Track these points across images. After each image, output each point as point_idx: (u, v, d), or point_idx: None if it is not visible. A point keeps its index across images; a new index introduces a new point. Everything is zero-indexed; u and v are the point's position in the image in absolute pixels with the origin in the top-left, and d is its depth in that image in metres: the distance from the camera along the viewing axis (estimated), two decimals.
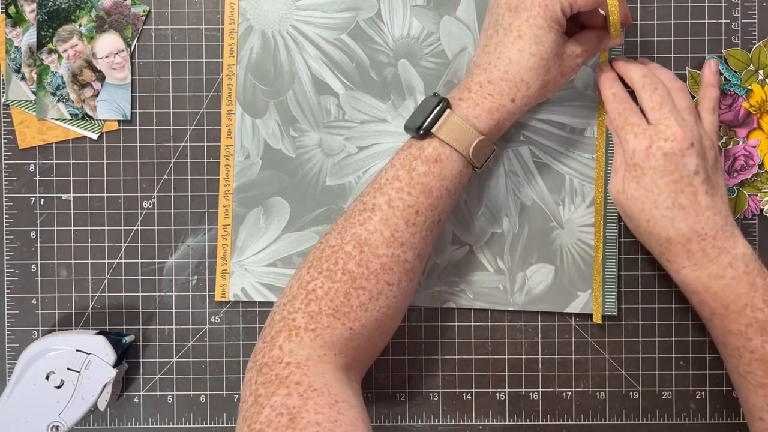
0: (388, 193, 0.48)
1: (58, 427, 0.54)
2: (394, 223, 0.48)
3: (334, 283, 0.47)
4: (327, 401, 0.43)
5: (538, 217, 0.59)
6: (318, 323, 0.46)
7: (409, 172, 0.49)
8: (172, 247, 0.59)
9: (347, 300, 0.47)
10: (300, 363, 0.45)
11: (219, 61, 0.59)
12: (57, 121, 0.59)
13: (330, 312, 0.47)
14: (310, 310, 0.47)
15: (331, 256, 0.48)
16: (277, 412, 0.42)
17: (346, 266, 0.47)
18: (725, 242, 0.50)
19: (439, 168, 0.49)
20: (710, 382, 0.59)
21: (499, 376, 0.60)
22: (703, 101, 0.55)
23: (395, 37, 0.59)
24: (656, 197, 0.50)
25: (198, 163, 0.59)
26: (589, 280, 0.58)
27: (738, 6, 0.59)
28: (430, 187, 0.49)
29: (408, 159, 0.49)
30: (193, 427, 0.60)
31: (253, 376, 0.46)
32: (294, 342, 0.46)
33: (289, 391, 0.43)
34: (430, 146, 0.49)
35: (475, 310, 0.60)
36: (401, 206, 0.48)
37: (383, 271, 0.48)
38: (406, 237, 0.48)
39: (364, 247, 0.47)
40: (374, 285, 0.47)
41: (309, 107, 0.59)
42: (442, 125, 0.49)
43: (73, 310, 0.60)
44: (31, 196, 0.59)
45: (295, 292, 0.48)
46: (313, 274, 0.48)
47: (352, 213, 0.49)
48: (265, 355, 0.46)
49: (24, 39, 0.59)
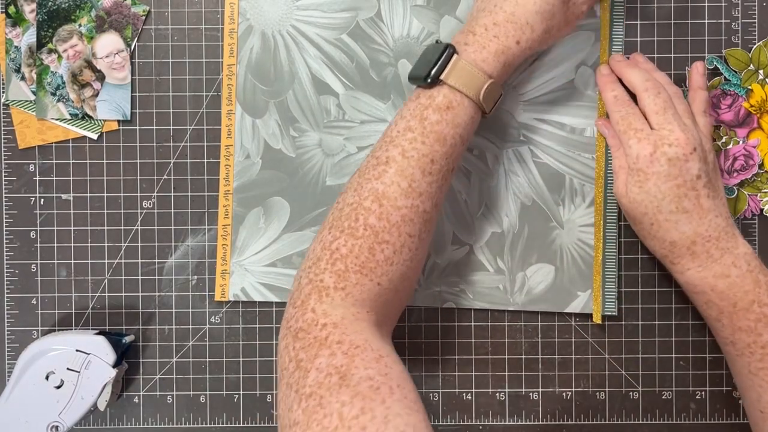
0: (402, 145, 0.48)
1: (57, 427, 0.54)
2: (410, 174, 0.47)
3: (357, 239, 0.47)
4: (373, 356, 0.42)
5: (538, 217, 0.59)
6: (347, 281, 0.46)
7: (422, 121, 0.48)
8: (172, 247, 0.59)
9: (372, 255, 0.47)
10: (336, 323, 0.44)
11: (219, 61, 0.59)
12: (57, 121, 0.59)
13: (357, 269, 0.46)
14: (336, 269, 0.46)
15: (351, 214, 0.47)
16: (325, 373, 0.41)
17: (367, 221, 0.47)
18: (728, 243, 0.51)
19: (451, 115, 0.48)
20: (710, 382, 0.59)
21: (499, 376, 0.60)
22: (694, 105, 0.55)
23: (395, 37, 0.59)
24: (660, 202, 0.50)
25: (198, 163, 0.59)
26: (589, 280, 0.58)
27: (738, 6, 0.59)
28: (444, 135, 0.48)
29: (418, 109, 0.49)
30: (193, 427, 0.60)
31: (289, 343, 0.45)
32: (326, 303, 0.46)
33: (333, 351, 0.43)
34: (440, 94, 0.48)
35: (475, 310, 0.59)
36: (416, 156, 0.48)
37: (404, 223, 0.47)
38: (423, 187, 0.48)
39: (382, 200, 0.47)
40: (397, 238, 0.47)
41: (309, 107, 0.59)
42: (450, 71, 0.48)
43: (73, 310, 0.60)
44: (31, 196, 0.59)
45: (318, 253, 0.47)
46: (335, 233, 0.47)
47: (366, 169, 0.49)
48: (298, 320, 0.46)
49: (24, 39, 0.59)
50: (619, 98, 0.54)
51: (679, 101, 0.54)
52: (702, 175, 0.50)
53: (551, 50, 0.58)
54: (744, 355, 0.51)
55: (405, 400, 0.40)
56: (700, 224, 0.50)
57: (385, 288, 0.47)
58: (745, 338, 0.50)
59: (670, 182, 0.50)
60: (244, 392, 0.60)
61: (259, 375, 0.59)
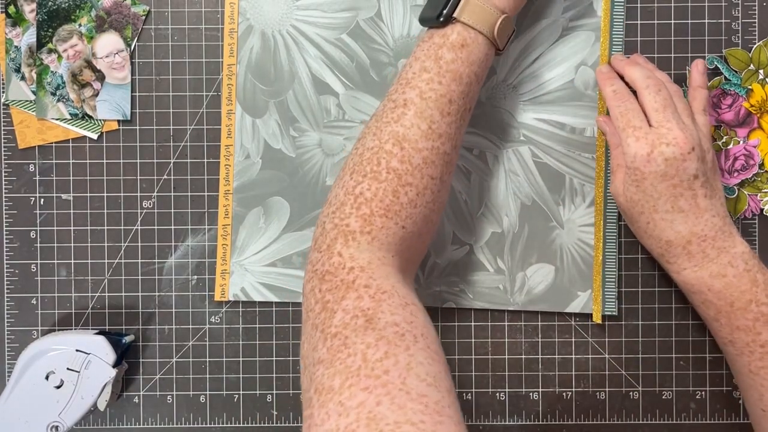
0: (419, 86, 0.48)
1: (57, 427, 0.54)
2: (430, 115, 0.47)
3: (380, 183, 0.46)
4: (399, 302, 0.42)
5: (538, 217, 0.59)
6: (372, 225, 0.46)
7: (437, 61, 0.48)
8: (172, 247, 0.59)
9: (396, 198, 0.46)
10: (363, 267, 0.44)
11: (219, 61, 0.59)
12: (57, 121, 0.59)
13: (382, 212, 0.46)
14: (362, 213, 0.46)
15: (372, 158, 0.47)
16: (352, 314, 0.42)
17: (390, 164, 0.47)
18: (724, 242, 0.51)
19: (466, 53, 0.48)
20: (710, 382, 0.59)
21: (499, 376, 0.60)
22: (694, 103, 0.55)
23: (395, 36, 0.59)
24: (656, 201, 0.50)
25: (198, 163, 0.59)
26: (589, 280, 0.58)
27: (738, 6, 0.59)
28: (460, 73, 0.48)
29: (433, 48, 0.48)
30: (193, 427, 0.60)
31: (315, 285, 0.45)
32: (352, 247, 0.45)
33: (360, 294, 0.43)
34: (454, 32, 0.48)
35: (475, 310, 0.59)
36: (434, 97, 0.47)
37: (426, 165, 0.47)
38: (443, 128, 0.48)
39: (404, 143, 0.47)
40: (419, 180, 0.47)
41: (309, 107, 0.59)
42: (463, 8, 0.48)
43: (73, 310, 0.60)
44: (31, 196, 0.59)
45: (342, 198, 0.47)
46: (357, 178, 0.47)
47: (383, 113, 0.48)
48: (324, 264, 0.45)
49: (24, 39, 0.59)
50: (618, 93, 0.53)
51: (678, 100, 0.53)
52: (699, 174, 0.50)
53: (551, 50, 0.58)
54: (743, 355, 0.51)
55: (428, 350, 0.40)
56: (696, 224, 0.50)
57: (409, 231, 0.47)
58: (744, 337, 0.50)
59: (667, 182, 0.50)
60: (244, 392, 0.59)
61: (259, 375, 0.59)
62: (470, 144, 0.58)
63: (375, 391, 0.37)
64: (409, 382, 0.38)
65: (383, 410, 0.37)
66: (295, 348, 0.59)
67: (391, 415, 0.36)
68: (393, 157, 0.47)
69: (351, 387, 0.38)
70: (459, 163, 0.58)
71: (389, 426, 0.36)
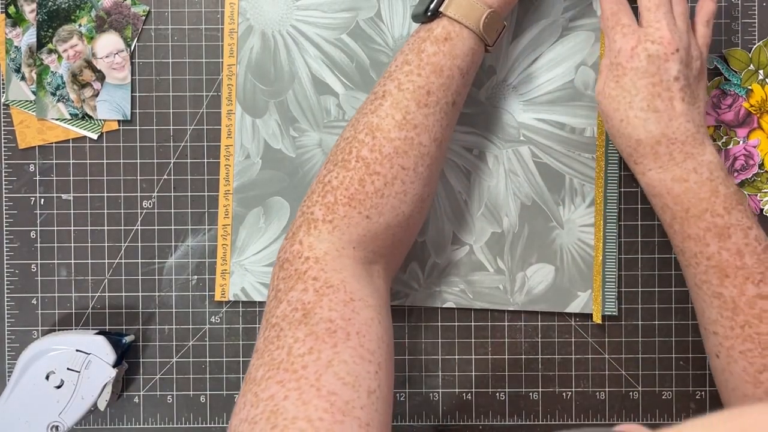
0: (398, 78, 0.48)
1: (57, 427, 0.54)
2: (405, 106, 0.48)
3: (348, 171, 0.47)
4: (342, 298, 0.43)
5: (538, 217, 0.59)
6: (335, 213, 0.47)
7: (419, 54, 0.49)
8: (172, 247, 0.59)
9: (362, 187, 0.47)
10: (318, 258, 0.45)
11: (219, 61, 0.59)
12: (57, 121, 0.59)
13: (345, 201, 0.47)
14: (326, 201, 0.47)
15: (345, 147, 0.48)
16: (293, 307, 0.43)
17: (360, 153, 0.47)
18: (693, 148, 0.50)
19: (449, 46, 0.49)
20: (710, 382, 0.59)
21: (499, 376, 0.60)
22: (700, 13, 0.54)
23: (395, 37, 0.59)
24: (632, 98, 0.50)
25: (198, 163, 0.59)
26: (589, 280, 0.58)
27: (738, 6, 0.59)
28: (441, 66, 0.48)
29: (416, 42, 0.49)
30: (193, 427, 0.60)
31: (275, 272, 0.47)
32: (313, 236, 0.46)
33: (306, 287, 0.44)
34: (439, 26, 0.49)
35: (475, 310, 0.60)
36: (411, 88, 0.48)
37: (397, 155, 0.47)
38: (419, 119, 0.48)
39: (376, 132, 0.47)
40: (388, 170, 0.47)
41: (309, 107, 0.59)
42: (449, 3, 0.48)
43: (73, 310, 0.60)
44: (31, 196, 0.59)
45: (313, 187, 0.49)
46: (329, 167, 0.48)
47: (364, 105, 0.49)
48: (286, 251, 0.47)
49: (24, 39, 0.59)
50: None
51: (679, 2, 0.52)
52: (681, 77, 0.49)
53: (551, 50, 0.58)
54: (691, 266, 0.50)
55: (359, 348, 0.41)
56: (669, 126, 0.49)
57: (374, 222, 0.47)
58: (693, 247, 0.50)
59: (646, 79, 0.49)
60: None
61: None
62: (470, 144, 0.59)
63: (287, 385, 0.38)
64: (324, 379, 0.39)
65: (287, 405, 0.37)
66: None
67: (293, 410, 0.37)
68: (364, 146, 0.47)
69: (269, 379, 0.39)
70: (459, 163, 0.58)
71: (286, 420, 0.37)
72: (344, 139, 0.49)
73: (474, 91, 0.58)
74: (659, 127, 0.49)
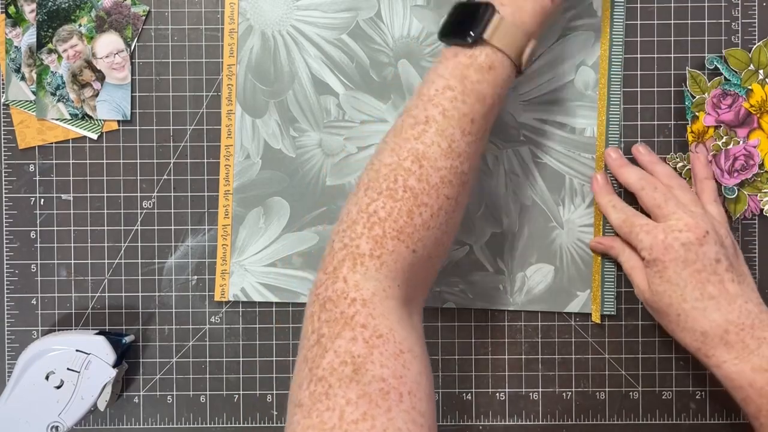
0: (442, 104, 0.46)
1: (57, 427, 0.54)
2: (451, 134, 0.46)
3: (396, 202, 0.44)
4: (392, 351, 0.41)
5: (538, 217, 0.59)
6: (383, 248, 0.44)
7: (462, 80, 0.47)
8: (172, 247, 0.59)
9: (410, 219, 0.44)
10: (366, 300, 0.42)
11: (219, 61, 0.59)
12: (57, 121, 0.59)
13: (394, 234, 0.44)
14: (374, 234, 0.44)
15: (389, 175, 0.45)
16: (341, 359, 0.40)
17: (407, 183, 0.45)
18: (764, 332, 0.48)
19: (493, 75, 0.47)
20: (710, 382, 0.59)
21: (499, 376, 0.60)
22: (703, 195, 0.55)
23: (395, 37, 0.59)
24: (683, 290, 0.49)
25: (198, 163, 0.59)
26: (588, 280, 0.58)
27: (738, 6, 0.59)
28: (485, 94, 0.47)
29: (459, 68, 0.47)
30: (193, 427, 0.60)
31: (315, 311, 0.43)
32: (359, 273, 0.43)
33: (355, 335, 0.41)
34: (483, 54, 0.47)
35: (475, 310, 0.59)
36: (456, 116, 0.46)
37: (443, 185, 0.46)
38: (462, 147, 0.46)
39: (422, 161, 0.45)
40: (435, 200, 0.45)
41: (309, 107, 0.59)
42: (494, 31, 0.46)
43: (73, 310, 0.60)
44: (31, 196, 0.59)
45: (354, 216, 0.45)
46: (372, 195, 0.45)
47: (403, 128, 0.47)
48: (328, 288, 0.43)
49: (24, 39, 0.59)
50: (617, 206, 0.55)
51: (684, 192, 0.53)
52: (722, 258, 0.49)
53: (551, 50, 0.58)
54: None
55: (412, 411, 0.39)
56: (730, 311, 0.48)
57: (419, 255, 0.45)
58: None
59: (689, 268, 0.49)
60: (244, 392, 0.60)
61: (259, 375, 0.59)
62: None
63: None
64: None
65: None
66: (295, 348, 0.59)
67: None
68: (411, 175, 0.45)
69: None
70: None
71: None
72: (386, 165, 0.46)
73: None
74: (721, 313, 0.49)
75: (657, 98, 0.59)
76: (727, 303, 0.49)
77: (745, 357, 0.48)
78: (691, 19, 0.59)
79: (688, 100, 0.58)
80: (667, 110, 0.59)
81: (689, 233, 0.49)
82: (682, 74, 0.59)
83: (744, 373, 0.48)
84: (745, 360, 0.48)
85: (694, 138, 0.58)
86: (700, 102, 0.58)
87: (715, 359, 0.49)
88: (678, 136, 0.59)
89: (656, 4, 0.59)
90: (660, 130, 0.59)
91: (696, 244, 0.49)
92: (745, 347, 0.48)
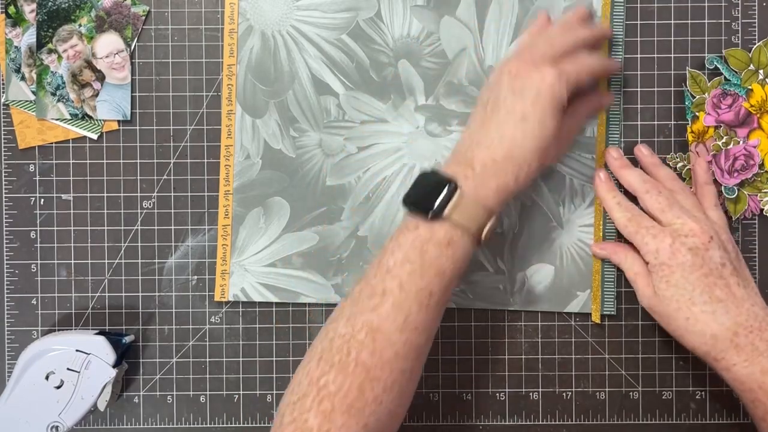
0: (399, 276, 0.46)
1: (57, 427, 0.54)
2: (407, 307, 0.45)
3: (347, 376, 0.44)
4: None
5: (539, 217, 0.59)
6: (332, 423, 0.43)
7: (421, 255, 0.46)
8: (172, 247, 0.59)
9: (362, 394, 0.44)
10: None
11: (219, 61, 0.59)
12: (57, 121, 0.59)
13: (344, 409, 0.44)
14: (323, 408, 0.44)
15: (343, 347, 0.45)
16: None
17: (359, 357, 0.44)
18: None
19: (452, 251, 0.46)
20: (710, 382, 0.59)
21: (499, 376, 0.60)
22: (704, 200, 0.55)
23: (395, 37, 0.59)
24: (691, 293, 0.50)
25: (198, 163, 0.59)
26: (588, 280, 0.58)
27: (738, 6, 0.59)
28: (444, 269, 0.46)
29: (418, 241, 0.46)
30: (193, 427, 0.60)
31: None
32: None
33: None
34: (442, 229, 0.46)
35: (475, 310, 0.59)
36: (414, 290, 0.46)
37: (397, 359, 0.45)
38: (419, 320, 0.46)
39: (376, 334, 0.45)
40: (388, 375, 0.45)
41: (309, 107, 0.59)
42: (454, 207, 0.46)
43: (73, 310, 0.60)
44: (31, 196, 0.59)
45: (305, 389, 0.45)
46: (324, 367, 0.45)
47: (360, 298, 0.46)
48: None
49: (24, 39, 0.59)
50: (621, 204, 0.54)
51: (686, 196, 0.54)
52: (726, 263, 0.50)
53: None
54: None
55: None
56: (739, 314, 0.49)
57: (371, 429, 0.45)
58: None
59: (697, 272, 0.49)
60: (244, 392, 0.60)
61: (259, 375, 0.59)
62: None
63: None
64: None
65: None
66: (295, 348, 0.59)
67: None
68: (364, 349, 0.45)
69: None
70: None
71: None
72: (340, 336, 0.45)
73: (474, 92, 0.58)
74: (730, 316, 0.49)
75: (657, 98, 0.59)
76: (735, 306, 0.49)
77: (755, 359, 0.49)
78: (691, 19, 0.59)
79: (688, 100, 0.58)
80: (667, 110, 0.59)
81: (695, 238, 0.50)
82: (682, 74, 0.59)
83: (754, 375, 0.48)
84: (754, 362, 0.49)
85: (694, 138, 0.58)
86: (700, 102, 0.58)
87: (725, 362, 0.50)
88: (678, 136, 0.59)
89: (656, 4, 0.59)
90: (660, 130, 0.59)
91: (702, 249, 0.49)
92: (754, 349, 0.49)
